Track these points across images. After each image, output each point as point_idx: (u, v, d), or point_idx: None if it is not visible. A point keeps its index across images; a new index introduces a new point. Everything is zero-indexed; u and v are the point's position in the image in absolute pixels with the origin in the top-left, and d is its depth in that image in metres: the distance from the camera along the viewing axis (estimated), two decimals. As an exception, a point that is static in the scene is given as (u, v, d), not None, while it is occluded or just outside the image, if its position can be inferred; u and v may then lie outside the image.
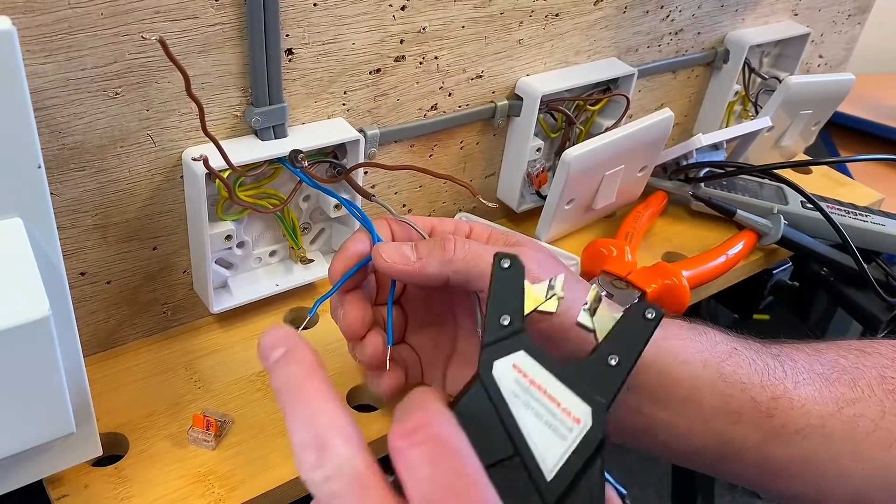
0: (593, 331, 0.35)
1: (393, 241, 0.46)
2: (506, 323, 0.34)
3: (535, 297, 0.36)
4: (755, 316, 0.78)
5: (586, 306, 0.36)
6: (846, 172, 0.90)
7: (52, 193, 0.36)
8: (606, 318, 0.35)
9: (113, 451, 0.45)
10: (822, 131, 0.85)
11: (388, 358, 0.44)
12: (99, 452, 0.43)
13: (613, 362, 0.34)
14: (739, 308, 0.78)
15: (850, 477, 0.42)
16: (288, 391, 0.31)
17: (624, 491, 0.95)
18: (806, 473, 0.42)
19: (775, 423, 0.41)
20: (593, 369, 0.33)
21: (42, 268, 0.34)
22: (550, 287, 0.36)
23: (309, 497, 0.47)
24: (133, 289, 0.51)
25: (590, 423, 0.32)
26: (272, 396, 0.49)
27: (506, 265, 0.35)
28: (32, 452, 0.37)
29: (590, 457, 0.32)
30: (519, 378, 0.33)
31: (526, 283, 0.35)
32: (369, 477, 0.29)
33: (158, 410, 0.48)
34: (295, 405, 0.31)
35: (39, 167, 0.33)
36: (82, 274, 0.48)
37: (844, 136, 1.17)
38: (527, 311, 0.35)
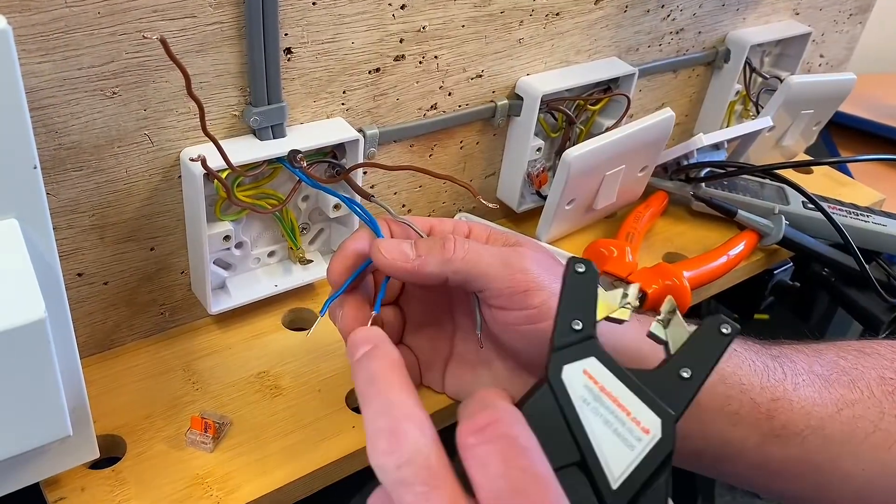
0: (666, 342, 0.35)
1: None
2: (577, 328, 0.34)
3: (607, 304, 0.36)
4: (755, 316, 0.78)
5: (660, 317, 0.35)
6: (847, 172, 0.90)
7: (48, 194, 0.36)
8: (680, 330, 0.35)
9: (110, 454, 0.45)
10: (823, 131, 0.85)
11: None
12: (96, 455, 0.42)
13: (686, 375, 0.33)
14: (740, 308, 0.78)
15: (850, 478, 0.42)
16: (368, 383, 0.33)
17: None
18: (806, 474, 0.42)
19: (775, 424, 0.41)
20: (665, 381, 0.33)
21: (38, 269, 0.33)
22: (624, 295, 0.36)
23: (307, 500, 0.47)
24: (131, 290, 0.50)
25: (659, 435, 0.32)
26: (271, 398, 0.49)
27: (580, 269, 0.35)
28: (29, 455, 0.37)
29: (657, 468, 0.31)
30: (589, 384, 0.33)
31: (599, 289, 0.35)
32: (441, 468, 0.29)
33: (156, 412, 0.48)
34: (374, 395, 0.32)
35: (35, 168, 0.32)
36: (79, 275, 0.47)
37: (845, 136, 1.17)
38: (598, 317, 0.35)
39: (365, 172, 0.57)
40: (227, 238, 0.50)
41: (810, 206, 0.69)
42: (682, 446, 0.43)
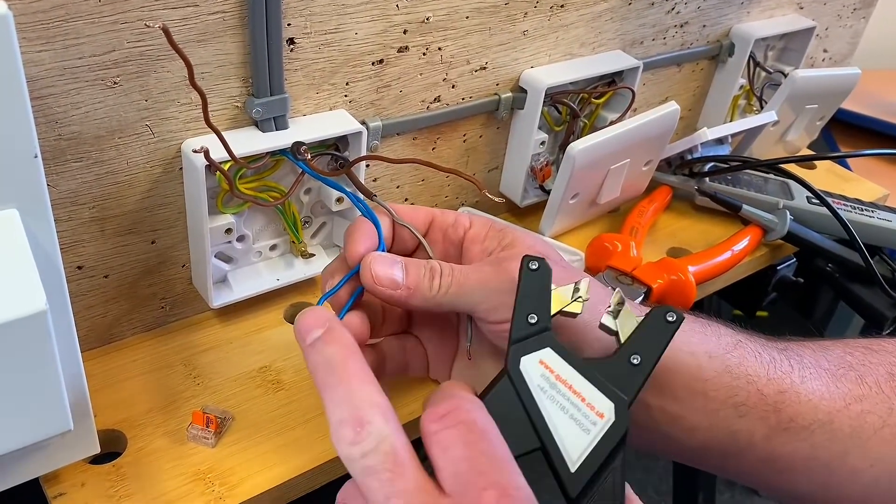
0: (616, 332, 0.37)
1: (393, 235, 0.45)
2: (533, 321, 0.36)
3: (560, 298, 0.37)
4: (757, 313, 0.77)
5: (609, 308, 0.37)
6: (848, 169, 0.89)
7: (48, 185, 0.36)
8: (629, 320, 0.37)
9: (111, 449, 0.44)
10: (823, 128, 0.84)
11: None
12: (96, 450, 0.42)
13: (636, 361, 0.35)
14: (743, 304, 0.78)
15: (858, 475, 0.41)
16: (326, 370, 0.33)
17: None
18: (813, 470, 0.42)
19: (782, 417, 0.41)
20: (617, 368, 0.35)
21: (38, 261, 0.33)
22: (576, 289, 0.37)
23: (310, 496, 0.46)
24: (131, 283, 0.50)
25: (613, 418, 0.34)
26: (273, 393, 0.49)
27: (534, 267, 0.37)
28: (29, 450, 0.36)
29: (612, 450, 0.33)
30: (546, 373, 0.35)
31: (553, 285, 0.37)
32: (405, 454, 0.31)
33: (157, 407, 0.47)
34: (334, 383, 0.33)
35: (36, 157, 0.32)
36: (79, 268, 0.47)
37: (845, 133, 1.16)
38: (552, 311, 0.37)
39: (368, 165, 0.56)
40: (228, 231, 0.49)
41: (815, 201, 0.69)
42: (689, 440, 0.42)
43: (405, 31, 0.52)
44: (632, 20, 0.66)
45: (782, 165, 0.70)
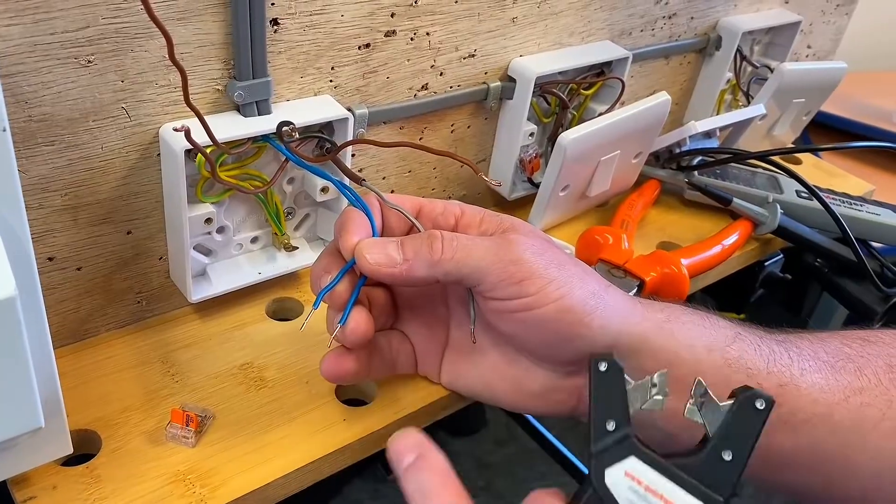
0: (703, 424, 0.35)
1: (383, 223, 0.43)
2: (611, 428, 0.34)
3: (637, 397, 0.35)
4: (731, 314, 0.76)
5: (692, 401, 0.35)
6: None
7: (17, 170, 0.33)
8: (715, 410, 0.35)
9: (84, 450, 0.42)
10: (803, 130, 0.84)
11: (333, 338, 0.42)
12: (69, 450, 0.39)
13: (727, 458, 0.33)
14: (730, 301, 0.77)
15: (859, 470, 0.40)
16: (423, 498, 0.32)
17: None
18: (814, 465, 0.41)
19: (782, 411, 0.40)
20: (707, 467, 0.33)
21: (8, 247, 0.31)
22: (653, 385, 0.35)
23: (297, 496, 0.44)
24: (105, 276, 0.47)
25: None
26: (256, 390, 0.47)
27: (603, 368, 0.35)
28: (-4, 450, 0.34)
29: None
30: (633, 486, 0.33)
31: (626, 378, 0.35)
32: None
33: (133, 406, 0.45)
34: None
35: (4, 130, 0.30)
36: (50, 259, 0.44)
37: (823, 135, 1.17)
38: (631, 411, 0.35)
39: (353, 155, 0.54)
40: (208, 221, 0.47)
41: (804, 194, 0.68)
42: (686, 438, 0.41)
43: (392, 15, 0.50)
44: (621, 10, 0.64)
45: (774, 158, 0.70)
